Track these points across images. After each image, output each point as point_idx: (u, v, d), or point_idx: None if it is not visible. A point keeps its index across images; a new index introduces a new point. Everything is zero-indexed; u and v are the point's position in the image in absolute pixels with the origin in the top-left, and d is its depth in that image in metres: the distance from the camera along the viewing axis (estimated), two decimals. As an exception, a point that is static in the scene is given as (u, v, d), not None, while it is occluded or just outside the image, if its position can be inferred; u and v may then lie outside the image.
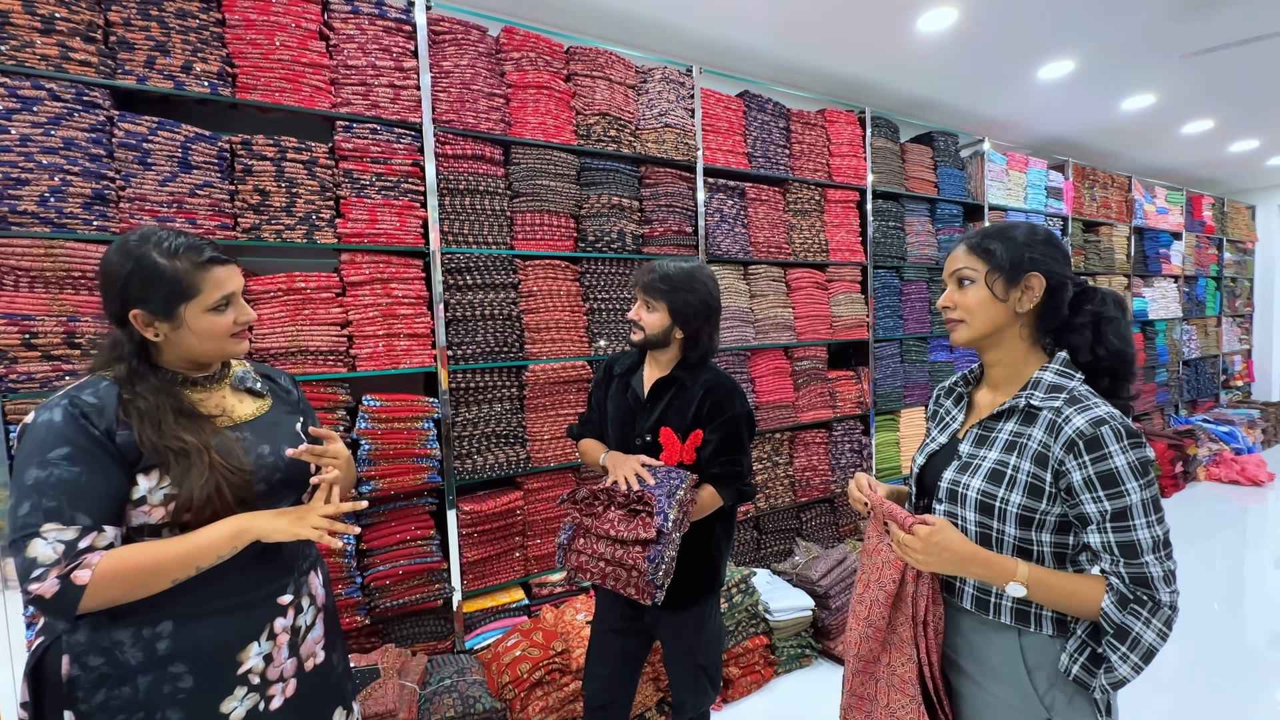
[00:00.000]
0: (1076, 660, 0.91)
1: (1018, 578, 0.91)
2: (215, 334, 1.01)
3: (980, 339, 1.02)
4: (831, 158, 3.30)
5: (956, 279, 1.03)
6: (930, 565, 0.95)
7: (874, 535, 1.09)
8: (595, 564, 1.37)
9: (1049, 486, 0.92)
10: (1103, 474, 0.87)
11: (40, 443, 0.87)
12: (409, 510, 2.12)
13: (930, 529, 0.94)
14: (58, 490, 0.85)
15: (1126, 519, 0.86)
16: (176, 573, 0.89)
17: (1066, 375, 0.96)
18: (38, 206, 1.59)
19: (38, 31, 1.59)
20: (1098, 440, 0.87)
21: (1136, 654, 0.85)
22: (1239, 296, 6.92)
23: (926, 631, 1.00)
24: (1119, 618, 0.86)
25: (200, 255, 0.99)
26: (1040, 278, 0.97)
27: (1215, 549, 3.65)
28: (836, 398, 3.33)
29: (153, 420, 0.93)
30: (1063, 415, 0.91)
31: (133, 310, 0.96)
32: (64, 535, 0.84)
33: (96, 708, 0.89)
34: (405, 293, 2.08)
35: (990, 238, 1.01)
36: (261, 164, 1.87)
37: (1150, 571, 0.85)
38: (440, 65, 2.16)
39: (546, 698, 1.92)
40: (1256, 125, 4.87)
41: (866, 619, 1.05)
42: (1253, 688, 2.35)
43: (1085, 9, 2.84)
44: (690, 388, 1.48)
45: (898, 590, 1.02)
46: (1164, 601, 0.85)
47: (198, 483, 0.92)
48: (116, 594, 0.86)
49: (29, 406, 1.57)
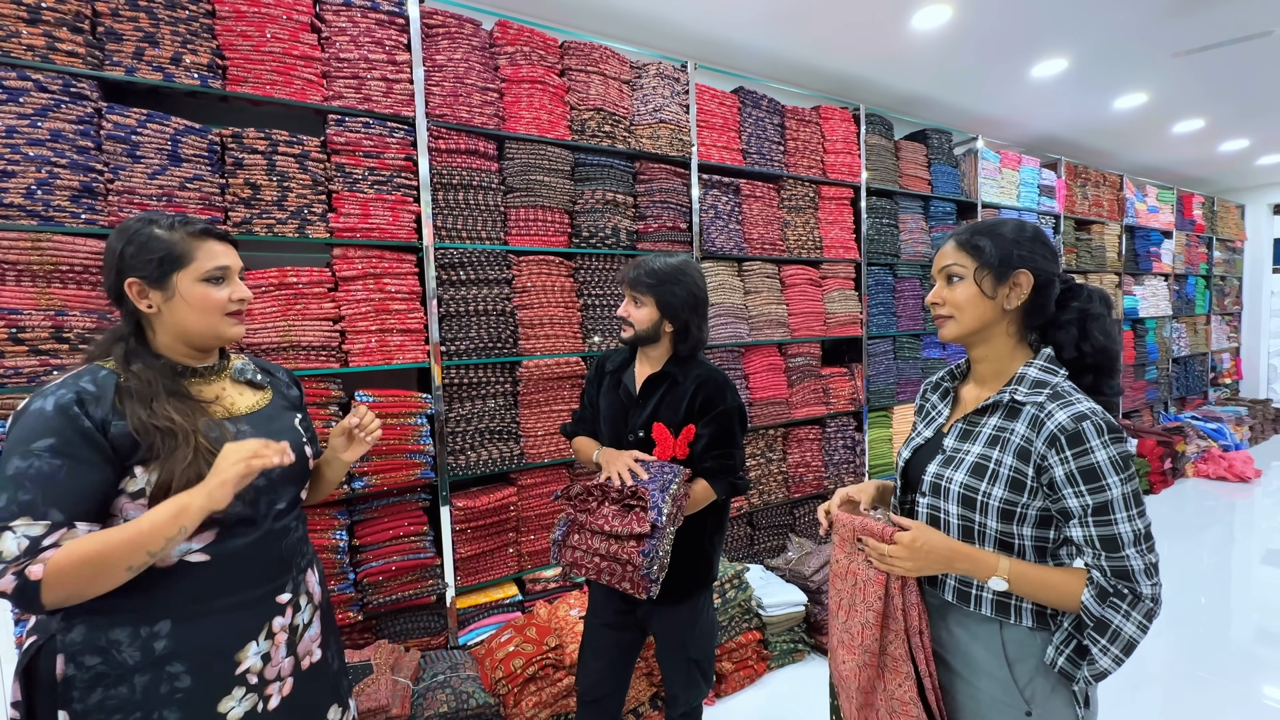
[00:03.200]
0: (1062, 652, 0.92)
1: (999, 572, 0.92)
2: (208, 306, 1.00)
3: (968, 335, 1.03)
4: (826, 154, 3.30)
5: (945, 275, 1.04)
6: (918, 570, 0.95)
7: (842, 557, 1.06)
8: (590, 559, 1.37)
9: (1031, 481, 0.93)
10: (1084, 469, 0.88)
11: (27, 431, 0.86)
12: (402, 506, 2.12)
13: (912, 534, 0.95)
14: (35, 483, 0.83)
15: (1108, 513, 0.87)
16: (128, 559, 0.84)
17: (1050, 371, 0.97)
18: (24, 199, 1.57)
19: (24, 21, 1.57)
20: (1079, 435, 0.88)
21: (1117, 646, 0.87)
22: (1228, 295, 6.99)
23: (923, 640, 0.99)
24: (1099, 611, 0.87)
25: (194, 226, 1.00)
26: (1028, 275, 0.98)
27: (1202, 544, 3.69)
28: (830, 394, 3.34)
29: (144, 399, 0.92)
30: (1045, 410, 0.92)
31: (128, 279, 0.96)
32: (31, 531, 0.82)
33: (92, 708, 0.87)
34: (398, 288, 2.07)
35: (979, 234, 1.01)
36: (252, 157, 1.85)
37: (1131, 565, 0.86)
38: (434, 59, 2.15)
39: (540, 693, 1.92)
40: (1247, 125, 4.91)
41: (861, 645, 1.01)
42: (1238, 682, 2.38)
43: (1078, 8, 2.85)
44: (682, 383, 1.49)
45: (884, 606, 1.00)
46: (1145, 594, 0.86)
47: (179, 465, 0.90)
48: (74, 586, 0.82)
49: (16, 401, 1.56)
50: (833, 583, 1.10)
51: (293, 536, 1.08)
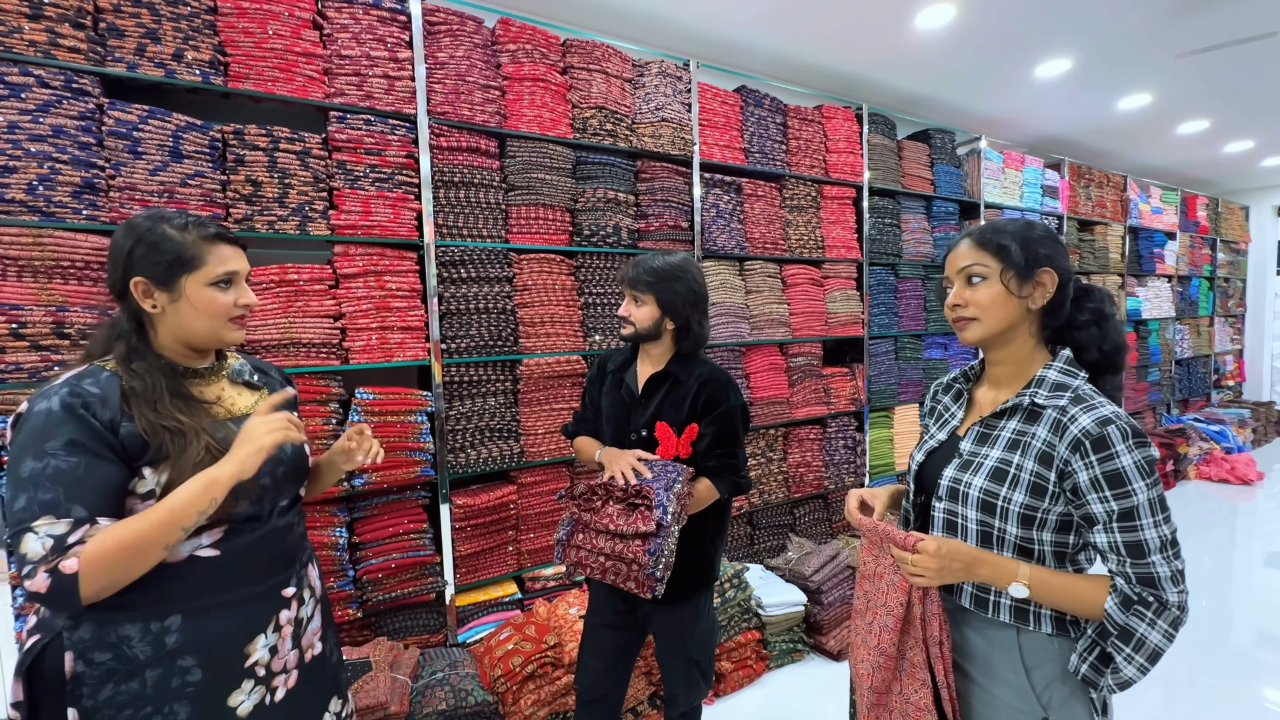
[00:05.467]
0: (1086, 660, 0.90)
1: (1020, 579, 0.90)
2: (214, 311, 1.00)
3: (993, 336, 1.00)
4: (828, 154, 3.29)
5: (965, 276, 1.00)
6: (942, 578, 0.93)
7: (869, 559, 1.05)
8: (595, 559, 1.37)
9: (1052, 486, 0.91)
10: (1109, 474, 0.86)
11: (38, 432, 0.85)
12: (402, 504, 2.12)
13: (936, 543, 0.92)
14: (54, 481, 0.83)
15: (1133, 519, 0.85)
16: (163, 539, 0.85)
17: (1070, 374, 0.95)
18: (26, 195, 1.57)
19: (26, 17, 1.57)
20: (1104, 440, 0.86)
21: (1142, 655, 0.84)
22: (1232, 297, 6.96)
23: (942, 650, 0.98)
24: (1123, 619, 0.85)
25: (207, 229, 1.00)
26: (1052, 273, 0.96)
27: (1204, 547, 3.68)
28: (831, 394, 3.34)
29: (149, 400, 0.92)
30: (1068, 415, 0.90)
31: (134, 278, 0.95)
32: (55, 530, 0.81)
33: (102, 704, 0.87)
34: (399, 285, 2.07)
35: (1001, 233, 0.99)
36: (254, 154, 1.85)
37: (1157, 571, 0.84)
38: (435, 56, 2.14)
39: (539, 691, 1.92)
40: (1251, 126, 4.88)
41: (878, 647, 1.01)
42: (1240, 684, 2.38)
43: (1082, 8, 2.84)
44: (685, 382, 1.48)
45: (905, 614, 0.99)
46: (1170, 602, 0.84)
47: (190, 463, 0.90)
48: (112, 574, 0.82)
49: (18, 397, 1.56)
50: (860, 584, 1.09)
51: (295, 532, 1.09)
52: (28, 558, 0.80)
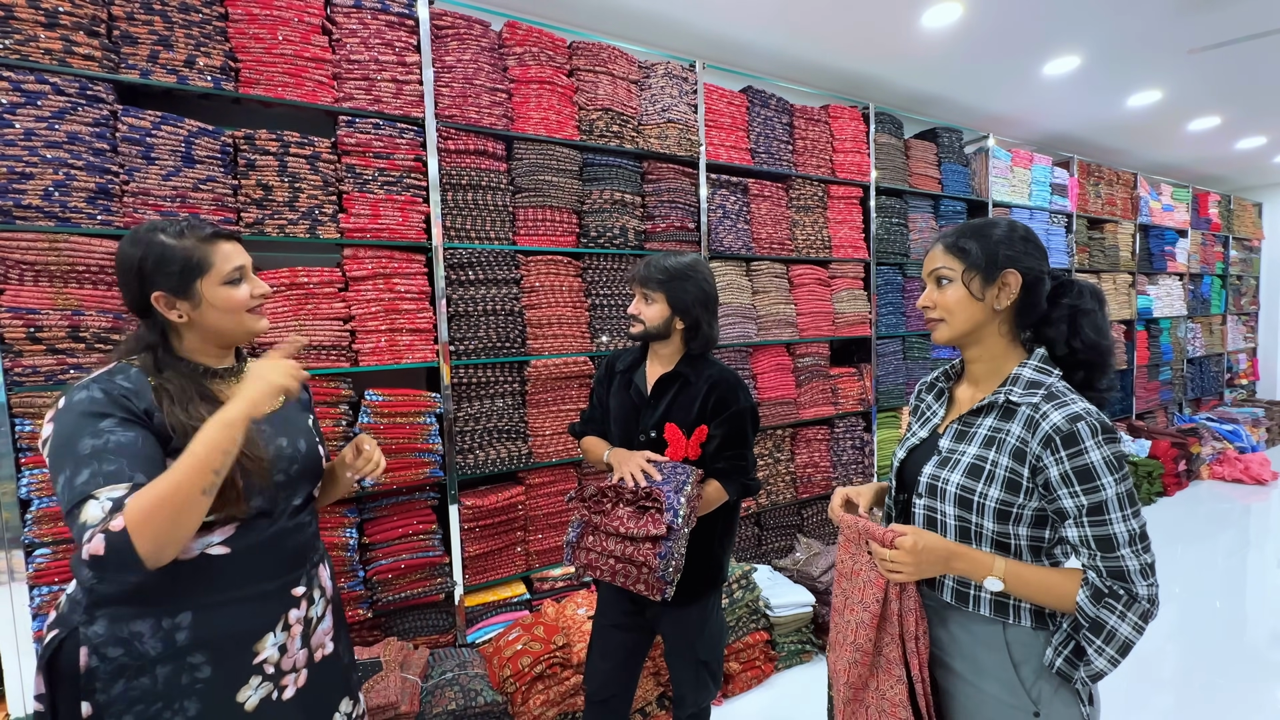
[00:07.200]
0: (1060, 653, 0.92)
1: (994, 572, 0.92)
2: (234, 306, 1.02)
3: (960, 337, 1.04)
4: (835, 154, 3.29)
5: (935, 278, 1.04)
6: (919, 573, 0.96)
7: (846, 557, 1.08)
8: (605, 561, 1.37)
9: (1026, 481, 0.93)
10: (1079, 469, 0.88)
11: (88, 415, 0.87)
12: (411, 505, 2.13)
13: (912, 538, 0.95)
14: (117, 454, 0.85)
15: (1103, 513, 0.87)
16: (198, 483, 0.84)
17: (1045, 371, 0.98)
18: (42, 200, 1.59)
19: (41, 26, 1.59)
20: (1074, 436, 0.88)
21: (1112, 647, 0.87)
22: (1244, 294, 6.89)
23: (918, 647, 0.99)
24: (1094, 612, 0.87)
25: (204, 231, 1.01)
26: (1016, 274, 0.98)
27: (1217, 548, 3.64)
28: (838, 394, 3.33)
29: (181, 403, 0.95)
30: (1040, 411, 0.92)
31: (154, 293, 0.97)
32: (115, 493, 0.82)
33: (115, 698, 0.89)
34: (408, 288, 2.08)
35: (966, 236, 1.01)
36: (264, 159, 1.87)
37: (1127, 565, 0.87)
38: (443, 60, 2.16)
39: (547, 691, 1.93)
40: (1264, 122, 4.83)
41: (854, 643, 1.03)
42: (1254, 687, 2.35)
43: (1091, 4, 2.82)
44: (695, 383, 1.48)
45: (882, 609, 1.01)
46: (1140, 595, 0.86)
47: None
48: (160, 528, 0.81)
49: (35, 400, 1.58)
50: (838, 581, 1.11)
51: (307, 532, 1.11)
52: (87, 524, 0.80)
